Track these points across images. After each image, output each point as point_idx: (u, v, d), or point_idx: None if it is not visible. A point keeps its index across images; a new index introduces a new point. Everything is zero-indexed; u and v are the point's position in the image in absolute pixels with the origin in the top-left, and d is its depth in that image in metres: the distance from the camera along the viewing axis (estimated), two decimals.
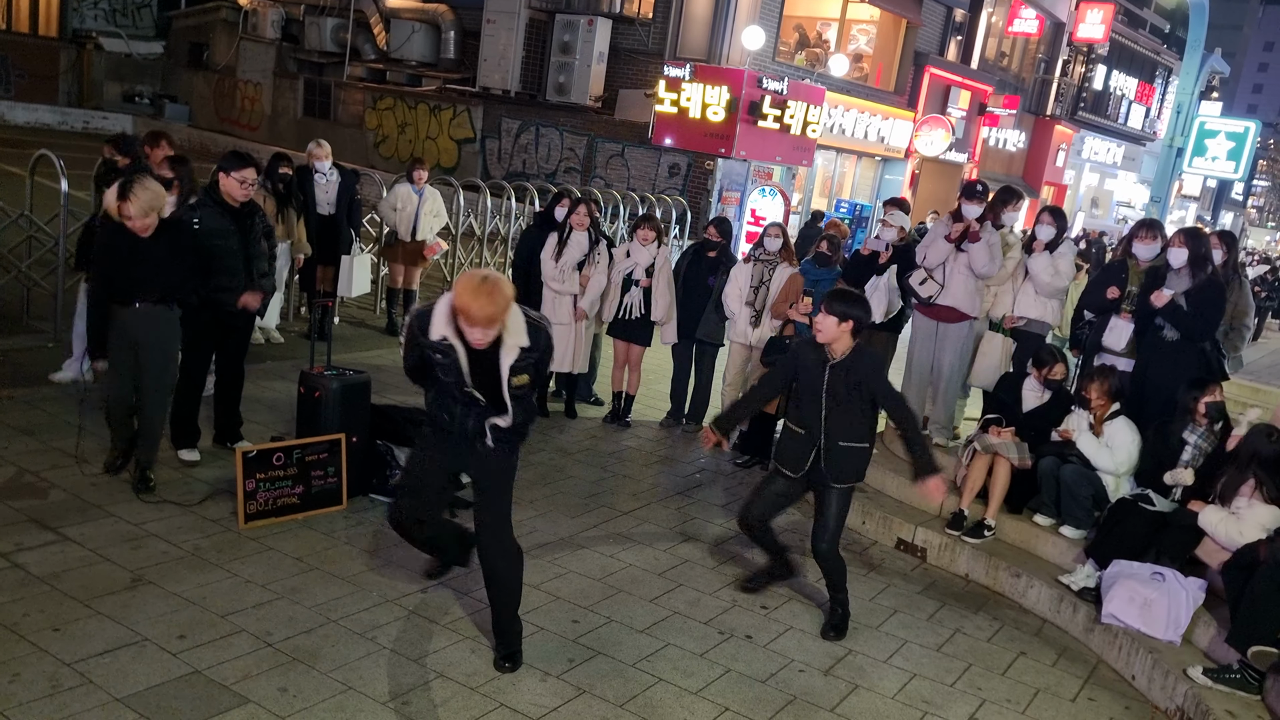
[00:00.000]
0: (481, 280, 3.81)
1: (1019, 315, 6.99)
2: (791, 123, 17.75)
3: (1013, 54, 28.56)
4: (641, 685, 4.36)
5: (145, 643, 4.13)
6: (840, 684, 4.62)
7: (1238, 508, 5.07)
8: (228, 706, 3.80)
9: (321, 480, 5.60)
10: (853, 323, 4.82)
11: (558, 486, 6.62)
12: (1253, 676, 4.55)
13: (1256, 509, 5.00)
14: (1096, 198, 37.91)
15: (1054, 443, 6.06)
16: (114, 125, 25.93)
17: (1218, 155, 22.61)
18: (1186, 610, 5.00)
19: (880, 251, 7.59)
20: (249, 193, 5.88)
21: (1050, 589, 5.65)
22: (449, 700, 4.05)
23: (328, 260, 8.81)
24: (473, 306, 3.79)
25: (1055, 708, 4.70)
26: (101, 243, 5.44)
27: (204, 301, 5.75)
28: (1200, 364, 6.10)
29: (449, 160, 21.26)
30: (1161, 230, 6.47)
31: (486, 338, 3.93)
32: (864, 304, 4.96)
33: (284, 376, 7.77)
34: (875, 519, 6.53)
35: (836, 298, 4.90)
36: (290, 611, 4.54)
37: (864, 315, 4.88)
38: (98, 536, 4.96)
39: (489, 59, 19.87)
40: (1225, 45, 44.61)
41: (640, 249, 7.79)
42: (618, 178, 18.56)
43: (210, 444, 6.24)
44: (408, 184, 9.70)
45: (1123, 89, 34.66)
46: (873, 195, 23.21)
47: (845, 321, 4.81)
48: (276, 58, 25.10)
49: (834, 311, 4.80)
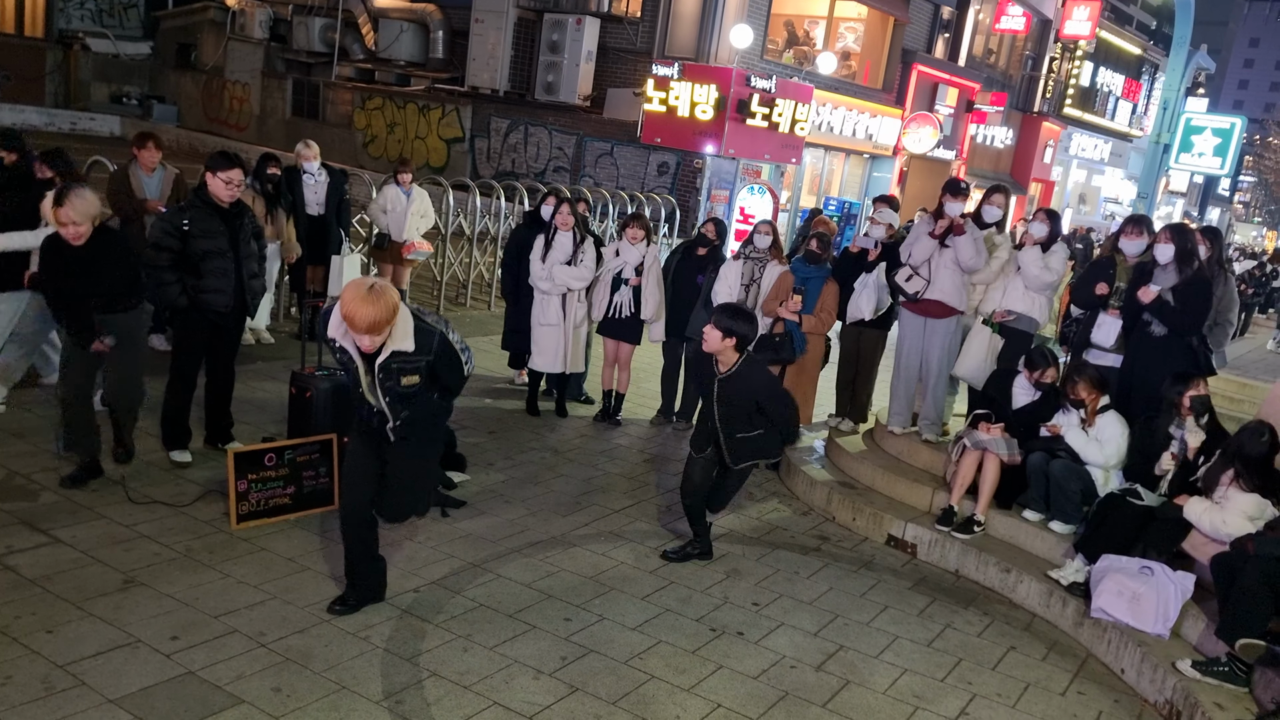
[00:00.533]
0: (368, 289, 4.03)
1: (1007, 310, 7.02)
2: (780, 121, 17.78)
3: (1000, 51, 28.65)
4: (634, 683, 4.38)
5: (138, 644, 4.13)
6: (832, 680, 4.64)
7: (1220, 498, 5.13)
8: (221, 707, 3.80)
9: (313, 480, 5.61)
10: (735, 339, 5.19)
11: (549, 485, 6.63)
12: (1240, 669, 4.59)
13: (1237, 498, 5.06)
14: (1084, 194, 38.05)
15: (1043, 438, 6.09)
16: (101, 126, 25.89)
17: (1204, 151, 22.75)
18: (1175, 604, 5.04)
19: (869, 249, 7.61)
20: (236, 193, 5.87)
21: (1040, 584, 5.68)
22: (442, 699, 4.06)
23: (317, 260, 8.81)
24: (356, 313, 4.01)
25: (1045, 701, 4.73)
26: (44, 254, 5.38)
27: (194, 303, 5.75)
28: (1187, 359, 6.14)
29: (438, 160, 21.24)
30: (1149, 226, 6.52)
31: (374, 344, 4.16)
32: (751, 321, 5.33)
33: (275, 377, 7.76)
34: (866, 515, 6.56)
35: (724, 312, 5.25)
36: (283, 612, 4.54)
37: (748, 332, 5.26)
38: (89, 538, 4.95)
39: (477, 58, 19.87)
40: (1211, 42, 44.84)
41: (629, 248, 7.80)
42: (607, 176, 18.57)
43: (201, 445, 6.23)
44: (395, 185, 9.70)
45: (1110, 85, 34.79)
46: (861, 193, 23.26)
47: (729, 337, 5.19)
48: (264, 58, 25.06)
49: (720, 326, 5.18)
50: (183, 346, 5.94)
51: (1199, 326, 6.19)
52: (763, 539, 6.26)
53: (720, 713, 4.24)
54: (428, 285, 12.44)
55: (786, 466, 7.45)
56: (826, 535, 6.47)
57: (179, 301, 5.71)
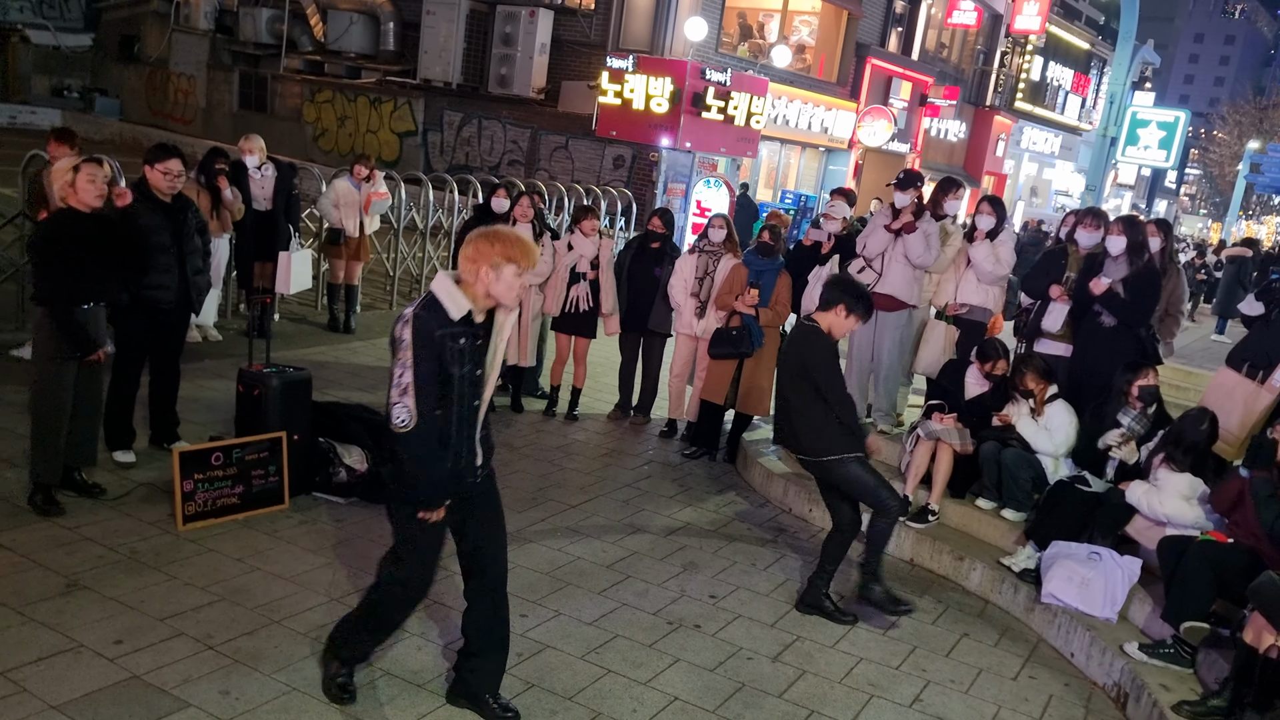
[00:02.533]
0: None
1: (961, 303, 7.08)
2: (735, 114, 17.82)
3: (952, 45, 28.95)
4: (590, 677, 4.36)
5: (81, 649, 4.03)
6: (788, 670, 4.65)
7: (1156, 479, 5.25)
8: (168, 711, 3.73)
9: (262, 480, 5.51)
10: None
11: (504, 481, 6.53)
12: (1185, 651, 4.67)
13: (1172, 478, 5.19)
14: (1035, 187, 38.60)
15: (994, 428, 6.16)
16: (42, 120, 25.27)
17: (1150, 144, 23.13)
18: (1123, 588, 5.12)
19: (822, 241, 7.64)
20: (176, 185, 5.75)
21: (992, 571, 5.74)
22: (395, 698, 4.01)
23: (265, 257, 8.66)
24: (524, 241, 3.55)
25: (998, 686, 4.78)
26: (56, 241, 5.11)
27: (136, 299, 5.62)
28: (1136, 349, 6.23)
29: (390, 153, 21.02)
30: (1106, 219, 6.59)
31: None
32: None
33: (222, 375, 7.63)
34: (821, 506, 6.56)
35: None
36: (232, 613, 4.46)
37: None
38: (30, 542, 4.83)
39: (429, 51, 19.69)
40: (1157, 37, 45.64)
41: (584, 240, 7.78)
42: (562, 170, 18.50)
43: (146, 445, 6.11)
44: (347, 179, 9.57)
45: (1059, 80, 35.30)
46: (817, 186, 23.40)
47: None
48: (210, 50, 24.61)
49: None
50: (125, 344, 5.81)
51: (1147, 318, 6.29)
52: (720, 531, 6.26)
53: (677, 705, 4.24)
54: (380, 280, 12.31)
55: (743, 459, 7.47)
56: (783, 527, 6.49)
57: (120, 298, 5.58)
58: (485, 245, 3.49)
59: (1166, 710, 4.30)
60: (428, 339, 3.43)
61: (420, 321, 3.43)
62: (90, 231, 5.10)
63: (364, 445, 5.93)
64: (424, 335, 3.43)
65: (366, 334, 9.91)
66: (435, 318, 3.45)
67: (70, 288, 5.06)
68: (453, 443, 3.58)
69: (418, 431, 3.46)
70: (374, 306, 11.25)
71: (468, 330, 3.52)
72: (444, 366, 3.47)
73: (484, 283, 3.50)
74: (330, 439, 5.92)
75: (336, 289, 9.95)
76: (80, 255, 5.05)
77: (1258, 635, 4.03)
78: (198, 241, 5.92)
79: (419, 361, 3.42)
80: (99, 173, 5.08)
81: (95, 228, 5.13)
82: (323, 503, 5.77)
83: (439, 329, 3.44)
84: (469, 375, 3.55)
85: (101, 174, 5.08)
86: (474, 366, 3.56)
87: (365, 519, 5.57)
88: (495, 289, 3.51)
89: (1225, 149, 58.23)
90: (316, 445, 5.87)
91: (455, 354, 3.48)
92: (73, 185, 5.03)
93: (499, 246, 3.48)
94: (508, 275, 3.49)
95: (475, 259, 3.49)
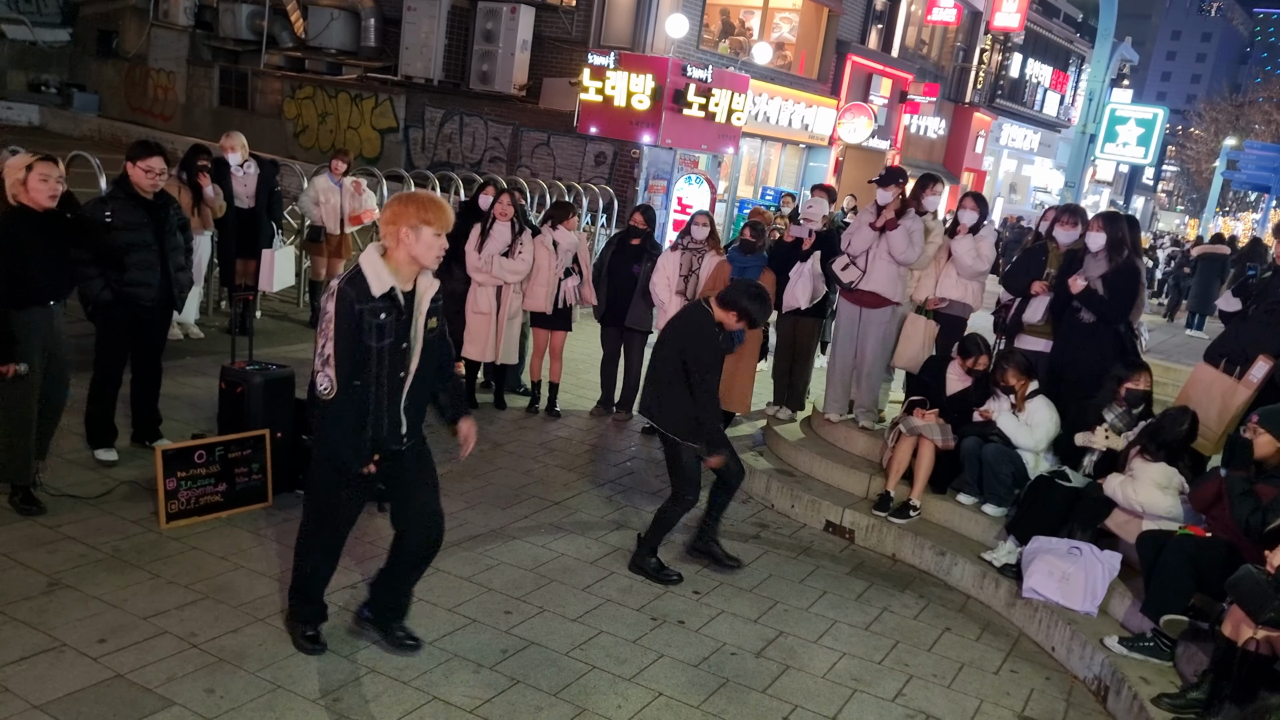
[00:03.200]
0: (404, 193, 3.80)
1: (941, 297, 7.12)
2: (716, 110, 17.82)
3: (932, 42, 29.05)
4: (575, 673, 4.37)
5: (64, 648, 4.01)
6: (772, 665, 4.68)
7: (1131, 470, 5.30)
8: (152, 710, 3.71)
9: (245, 477, 5.50)
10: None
11: (488, 478, 6.58)
12: (1165, 644, 4.73)
13: (1147, 468, 5.23)
14: (1014, 183, 38.81)
15: (975, 423, 6.20)
16: (19, 116, 25.05)
17: (1128, 141, 23.33)
18: (1103, 582, 5.17)
19: (803, 238, 7.68)
20: (159, 182, 5.71)
21: (974, 566, 5.79)
22: (380, 695, 4.01)
23: (248, 254, 8.61)
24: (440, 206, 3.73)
25: (979, 680, 4.82)
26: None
27: (118, 296, 5.59)
28: (1115, 345, 6.28)
29: (371, 150, 20.92)
30: (1084, 217, 6.64)
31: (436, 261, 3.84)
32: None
33: (204, 373, 7.59)
34: (804, 502, 6.62)
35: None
36: (215, 611, 4.45)
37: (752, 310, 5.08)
38: (10, 541, 4.80)
39: (410, 47, 19.59)
40: (1135, 34, 46.03)
41: (566, 234, 7.83)
42: (544, 167, 18.47)
43: (128, 443, 6.07)
44: (327, 175, 9.54)
45: (1038, 77, 35.49)
46: (798, 182, 23.43)
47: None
48: (190, 45, 24.40)
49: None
50: (107, 341, 5.77)
51: (1126, 314, 6.33)
52: None
53: (661, 701, 4.25)
54: None
55: None
56: (765, 523, 6.52)
57: (102, 295, 5.54)
58: (402, 208, 3.71)
59: (1146, 703, 4.35)
60: (349, 311, 3.65)
61: (343, 295, 3.66)
62: (42, 231, 4.93)
63: None
64: (345, 308, 3.66)
65: None
66: (357, 291, 3.66)
67: (10, 291, 4.86)
68: (372, 411, 3.78)
69: (338, 400, 3.71)
70: None
71: (389, 305, 3.71)
72: (361, 338, 3.67)
73: (405, 245, 3.71)
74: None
75: (319, 286, 9.91)
76: (25, 257, 4.87)
77: (1236, 628, 4.08)
78: (180, 239, 5.89)
79: (339, 335, 3.66)
80: (52, 171, 4.92)
81: (47, 227, 4.96)
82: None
83: (359, 303, 3.66)
84: (390, 347, 3.75)
85: (55, 173, 4.94)
86: (397, 339, 3.76)
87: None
88: (415, 250, 3.72)
89: (1202, 146, 58.74)
90: (300, 443, 5.85)
91: (374, 328, 3.69)
92: (24, 184, 4.86)
93: (413, 208, 3.69)
94: (426, 236, 3.70)
95: (394, 220, 3.70)
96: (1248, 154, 35.98)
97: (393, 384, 3.83)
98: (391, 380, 3.82)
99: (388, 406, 3.84)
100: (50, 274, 5.04)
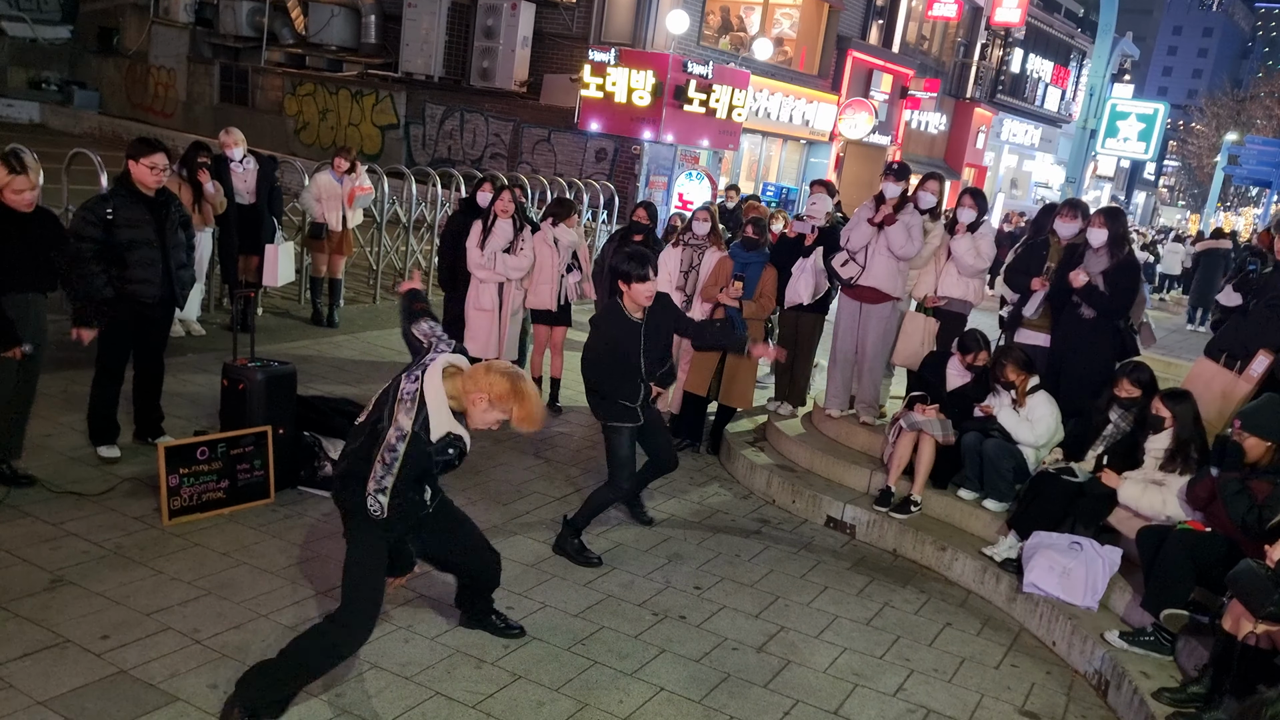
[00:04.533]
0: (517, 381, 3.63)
1: (941, 295, 7.12)
2: (717, 106, 17.84)
3: (933, 38, 29.03)
4: (577, 668, 4.38)
5: (67, 644, 4.03)
6: (773, 660, 4.69)
7: (1163, 482, 5.21)
8: (155, 705, 3.73)
9: (248, 474, 5.51)
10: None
11: (489, 474, 6.59)
12: (1165, 638, 4.73)
13: (1180, 481, 5.14)
14: (1015, 179, 38.77)
15: (976, 418, 6.20)
16: (20, 114, 25.10)
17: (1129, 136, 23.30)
18: (1103, 577, 5.18)
19: (805, 233, 7.67)
20: (161, 179, 5.73)
21: (974, 561, 5.80)
22: (383, 690, 4.03)
23: (249, 250, 8.63)
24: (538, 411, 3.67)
25: (980, 675, 4.83)
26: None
27: (120, 294, 5.60)
28: (1115, 341, 6.29)
29: (372, 147, 20.94)
30: (1085, 210, 6.64)
31: None
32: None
33: (206, 369, 7.60)
34: (805, 498, 6.63)
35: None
36: (218, 607, 4.46)
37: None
38: (13, 537, 4.81)
39: (411, 43, 19.61)
40: (1136, 29, 45.97)
41: (567, 231, 7.84)
42: (544, 163, 18.48)
43: (130, 440, 6.09)
44: (329, 172, 9.54)
45: (1039, 72, 35.46)
46: (798, 178, 23.44)
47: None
48: (190, 42, 24.43)
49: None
50: (109, 339, 5.78)
51: (1126, 310, 6.34)
52: (703, 523, 6.29)
53: (663, 696, 4.27)
54: (363, 274, 12.28)
55: (727, 451, 7.50)
56: (766, 518, 6.53)
57: (104, 292, 5.55)
58: (501, 390, 3.56)
59: (1147, 697, 4.36)
60: (419, 456, 3.56)
61: (416, 440, 3.53)
62: (22, 229, 5.10)
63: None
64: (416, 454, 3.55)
65: (349, 328, 9.89)
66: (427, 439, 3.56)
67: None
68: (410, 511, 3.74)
69: (388, 519, 3.64)
70: (357, 300, 11.22)
71: (456, 442, 3.64)
72: (425, 473, 3.68)
73: (477, 411, 3.61)
74: (315, 433, 5.92)
75: (320, 283, 9.93)
76: (10, 247, 5.05)
77: (1236, 622, 4.09)
78: (181, 236, 5.89)
79: (403, 472, 3.56)
80: (25, 185, 5.07)
81: (28, 227, 5.13)
82: (308, 497, 5.77)
83: (429, 447, 3.57)
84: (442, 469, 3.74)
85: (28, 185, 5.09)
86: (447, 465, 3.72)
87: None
88: (476, 420, 3.65)
89: (1203, 141, 58.64)
90: (301, 439, 5.87)
91: (442, 465, 3.66)
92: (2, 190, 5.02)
93: (512, 400, 3.57)
94: (495, 417, 3.63)
95: (488, 393, 3.56)
96: (1249, 149, 35.95)
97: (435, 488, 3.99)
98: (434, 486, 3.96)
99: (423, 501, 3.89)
100: (31, 268, 5.17)
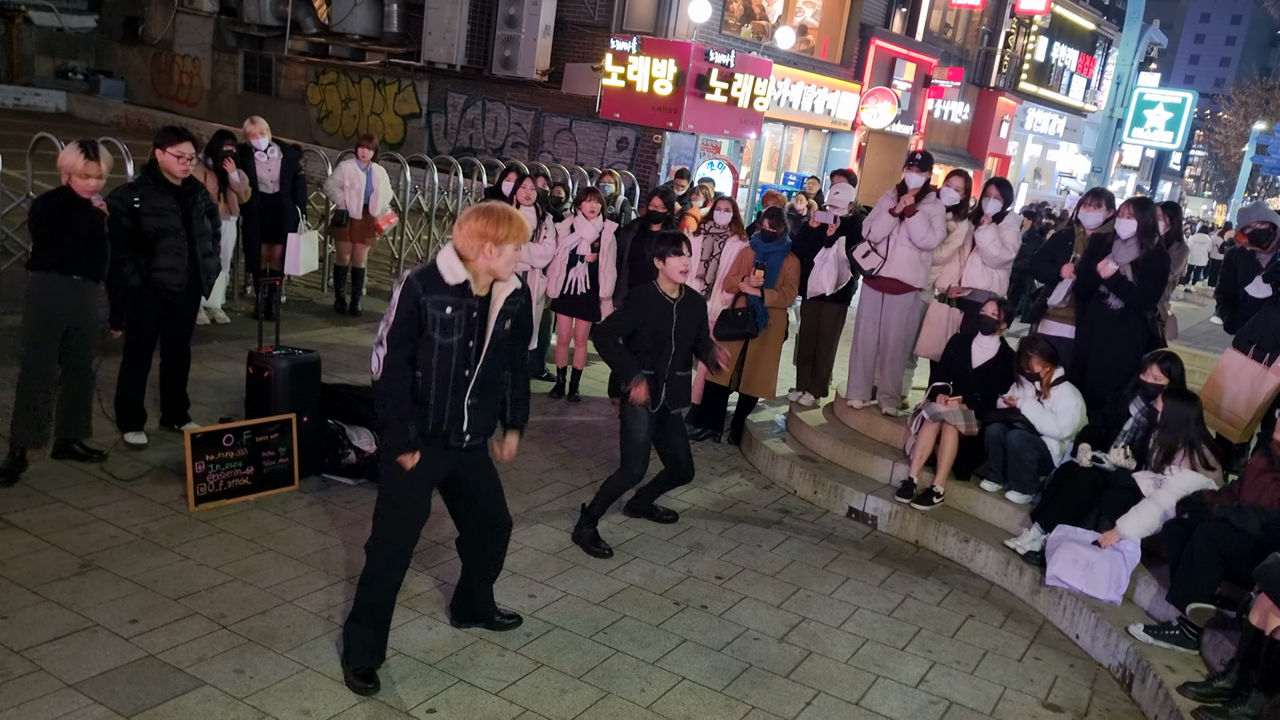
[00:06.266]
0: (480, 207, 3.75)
1: (965, 285, 7.08)
2: (739, 96, 17.74)
3: (957, 26, 28.77)
4: (599, 657, 4.40)
5: (96, 628, 4.08)
6: (795, 650, 4.69)
7: (1168, 471, 5.22)
8: (183, 689, 3.77)
9: (273, 461, 5.55)
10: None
11: (510, 463, 6.57)
12: (1191, 632, 4.70)
13: (1181, 475, 5.14)
14: (1039, 169, 38.43)
15: (999, 410, 6.16)
16: (46, 102, 25.29)
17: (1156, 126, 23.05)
18: (1127, 571, 5.15)
19: (829, 224, 7.64)
20: (188, 168, 5.77)
21: (997, 553, 5.77)
22: (407, 677, 4.05)
23: (273, 239, 8.68)
24: (512, 220, 3.71)
25: (1003, 668, 4.82)
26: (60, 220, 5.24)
27: (147, 282, 5.65)
28: (1142, 332, 6.23)
29: (394, 136, 20.98)
30: (1109, 199, 6.57)
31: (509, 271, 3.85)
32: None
33: (231, 357, 7.66)
34: (827, 489, 6.62)
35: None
36: (244, 593, 4.50)
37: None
38: (44, 522, 4.87)
39: (433, 32, 19.59)
40: (1163, 17, 45.41)
41: (585, 223, 7.79)
42: (566, 152, 18.46)
43: (157, 427, 6.14)
44: (354, 161, 9.57)
45: (1064, 61, 35.09)
46: (820, 168, 23.31)
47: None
48: (215, 31, 24.54)
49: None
50: (136, 327, 5.83)
51: (1154, 301, 6.27)
52: (725, 513, 6.30)
53: (685, 685, 4.28)
54: (386, 263, 12.32)
55: (748, 441, 7.50)
56: (788, 509, 6.53)
57: (132, 281, 5.60)
58: (482, 226, 3.67)
59: (1172, 691, 4.34)
60: (412, 302, 3.68)
61: (409, 285, 3.70)
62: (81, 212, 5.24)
63: (372, 427, 5.96)
64: (408, 297, 3.69)
65: (373, 316, 9.93)
66: (425, 283, 3.68)
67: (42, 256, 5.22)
68: (433, 405, 3.77)
69: (385, 379, 3.74)
70: (380, 289, 11.26)
71: (461, 300, 3.70)
72: (426, 331, 3.70)
73: (486, 259, 3.69)
74: (339, 421, 5.96)
75: (343, 271, 9.97)
76: (60, 229, 5.18)
77: (1264, 617, 4.06)
78: (207, 224, 5.94)
79: (397, 321, 3.70)
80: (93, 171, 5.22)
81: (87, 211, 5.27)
82: (332, 484, 5.81)
83: (425, 294, 3.67)
84: (458, 344, 3.74)
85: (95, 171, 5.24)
86: (465, 336, 3.74)
87: (374, 500, 5.57)
88: (495, 265, 3.71)
89: (1231, 130, 57.90)
90: (325, 427, 5.91)
91: (439, 321, 3.68)
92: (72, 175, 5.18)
93: (493, 227, 3.66)
94: (508, 253, 3.71)
95: (475, 236, 3.67)
96: (1277, 138, 35.49)
97: (457, 380, 3.77)
98: (456, 377, 3.77)
99: (451, 402, 3.79)
100: (86, 253, 5.25)
